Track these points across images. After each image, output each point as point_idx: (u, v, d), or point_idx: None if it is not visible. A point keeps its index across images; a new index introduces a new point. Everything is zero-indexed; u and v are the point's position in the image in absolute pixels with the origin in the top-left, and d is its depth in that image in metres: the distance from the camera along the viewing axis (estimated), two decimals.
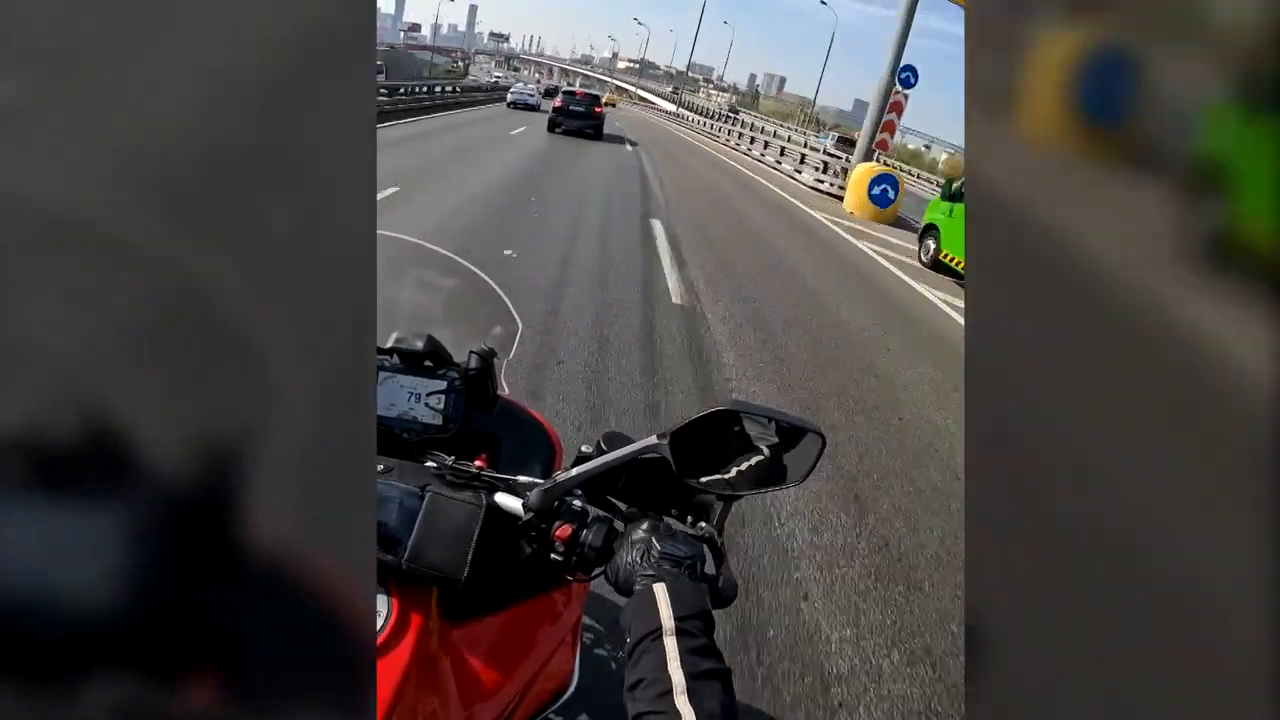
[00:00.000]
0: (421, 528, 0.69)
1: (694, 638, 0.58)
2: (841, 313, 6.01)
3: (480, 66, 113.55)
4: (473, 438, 0.91)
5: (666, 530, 0.68)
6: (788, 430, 0.73)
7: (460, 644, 0.76)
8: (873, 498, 3.02)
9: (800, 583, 2.35)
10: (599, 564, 0.71)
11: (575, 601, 0.92)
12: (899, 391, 4.39)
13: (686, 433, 0.70)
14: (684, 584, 0.62)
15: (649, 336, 4.38)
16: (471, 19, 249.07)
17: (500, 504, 0.74)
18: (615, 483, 0.76)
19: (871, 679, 2.00)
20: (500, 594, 0.81)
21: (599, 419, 3.14)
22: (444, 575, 0.69)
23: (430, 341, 0.89)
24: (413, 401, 0.88)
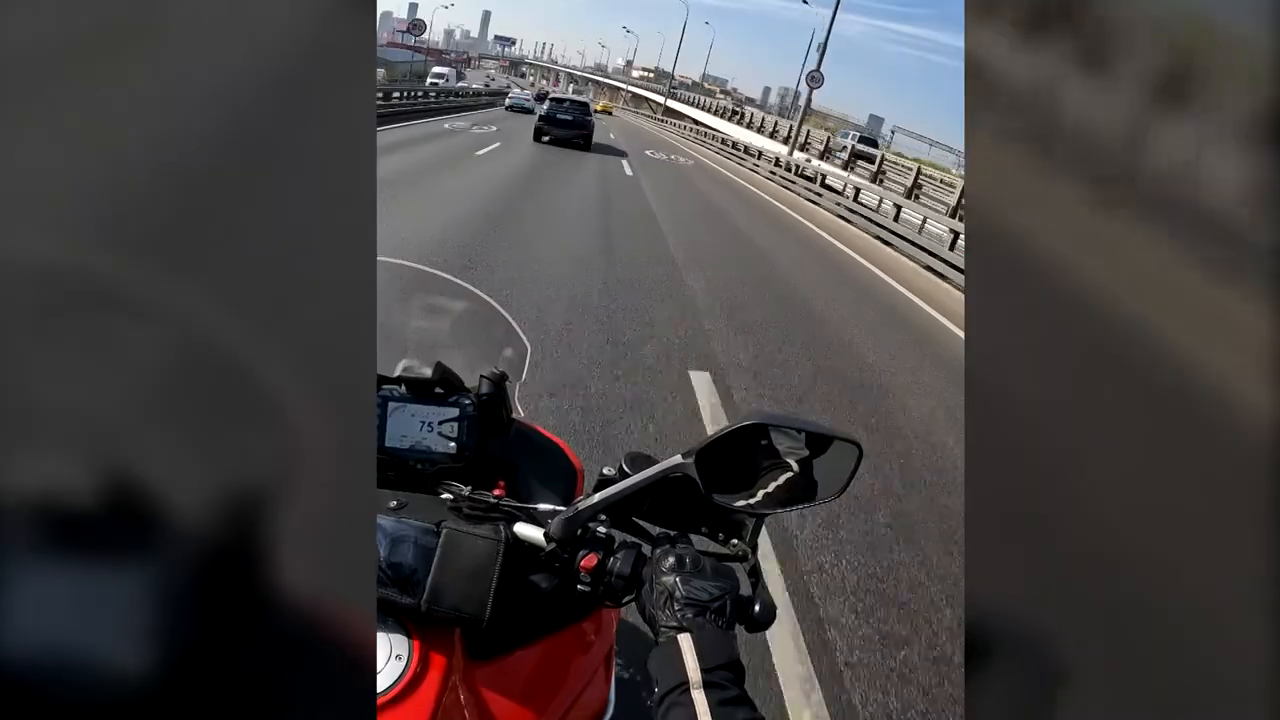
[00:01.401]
0: (439, 567, 0.66)
1: (724, 689, 0.56)
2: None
3: (486, 71, 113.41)
4: (489, 464, 0.88)
5: (694, 563, 0.65)
6: (818, 441, 0.69)
7: (487, 683, 0.73)
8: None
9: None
10: (628, 592, 0.68)
11: (606, 628, 0.89)
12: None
13: (712, 450, 0.67)
14: (710, 633, 0.60)
15: None
16: (485, 24, 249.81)
17: (521, 535, 0.71)
18: (640, 505, 0.73)
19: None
20: (527, 627, 0.78)
21: None
22: (466, 616, 0.66)
23: (439, 368, 0.86)
24: (425, 431, 0.86)
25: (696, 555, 0.66)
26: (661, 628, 0.61)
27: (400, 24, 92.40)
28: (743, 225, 10.85)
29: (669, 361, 4.23)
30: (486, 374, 0.89)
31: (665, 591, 0.63)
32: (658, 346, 4.45)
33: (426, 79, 33.16)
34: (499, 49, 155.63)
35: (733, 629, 0.63)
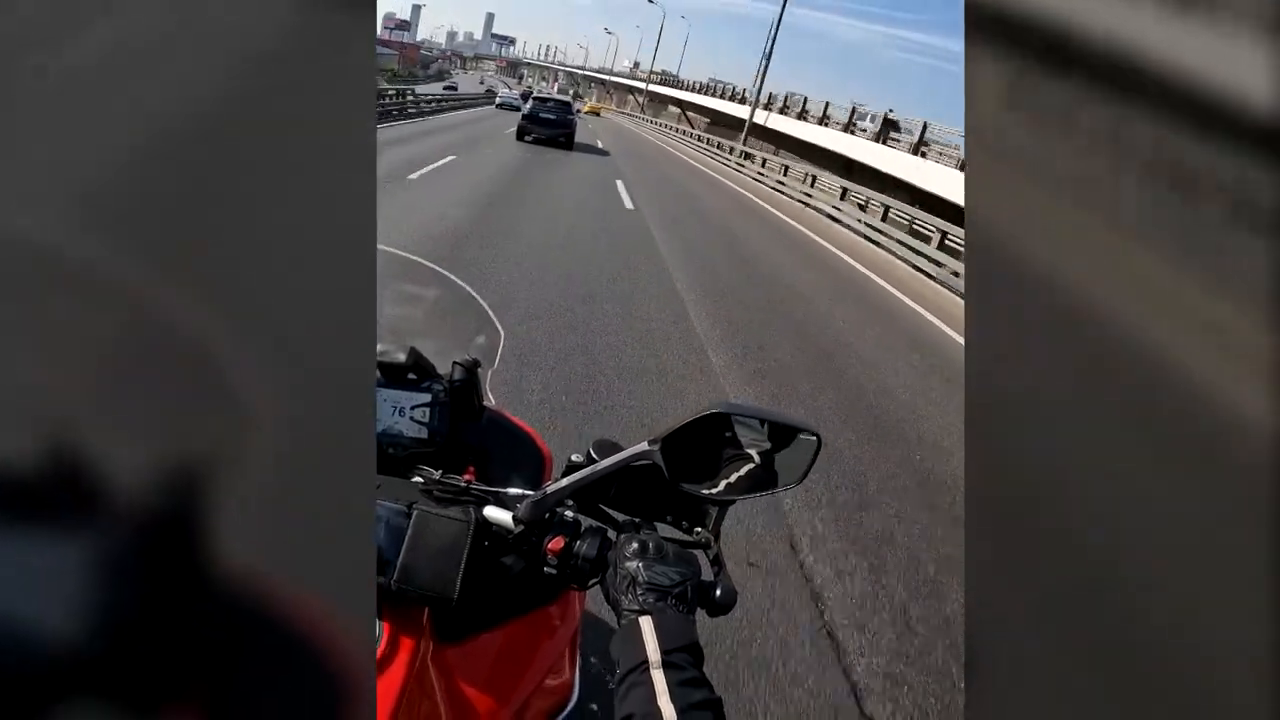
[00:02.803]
0: (410, 547, 0.67)
1: (682, 670, 0.58)
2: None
3: (486, 71, 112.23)
4: (460, 450, 0.89)
5: (657, 549, 0.66)
6: (780, 431, 0.71)
7: (455, 664, 0.74)
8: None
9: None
10: (593, 575, 0.70)
11: (572, 613, 0.90)
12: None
13: (678, 438, 0.69)
14: (670, 617, 0.62)
15: None
16: (488, 26, 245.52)
17: (490, 518, 0.72)
18: (607, 491, 0.75)
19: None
20: (494, 610, 0.79)
21: None
22: (435, 595, 0.67)
23: (412, 353, 0.87)
24: (397, 415, 0.86)
25: (660, 541, 0.68)
26: (624, 610, 0.63)
27: (389, 20, 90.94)
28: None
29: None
30: (459, 360, 0.90)
31: (629, 576, 0.64)
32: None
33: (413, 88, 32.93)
34: (498, 49, 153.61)
35: (693, 613, 0.64)
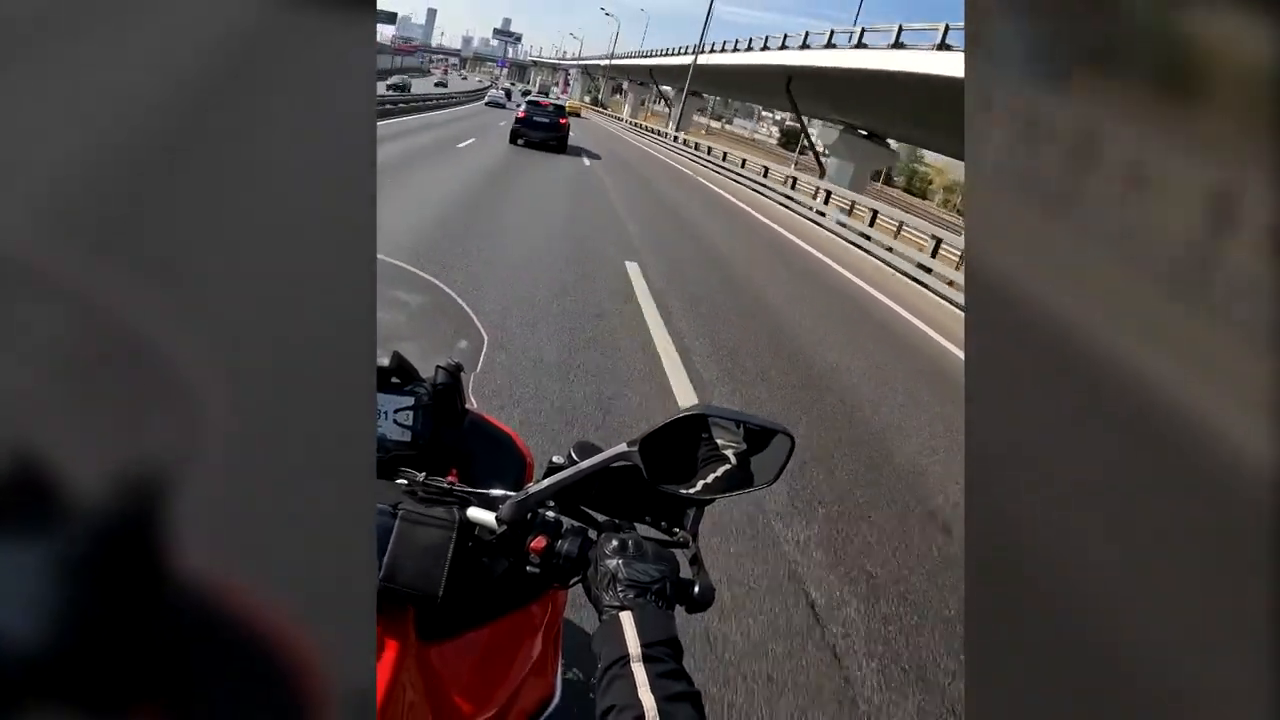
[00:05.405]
0: (395, 547, 0.68)
1: (662, 663, 0.59)
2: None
3: (487, 73, 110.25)
4: (443, 453, 0.90)
5: (636, 547, 0.68)
6: (756, 433, 0.73)
7: (438, 664, 0.75)
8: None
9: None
10: (574, 574, 0.71)
11: (555, 612, 0.92)
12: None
13: (656, 439, 0.70)
14: (650, 612, 0.63)
15: None
16: (505, 30, 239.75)
17: (473, 519, 0.73)
18: (588, 492, 0.76)
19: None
20: (478, 609, 0.80)
21: None
22: (420, 594, 0.68)
23: (396, 357, 0.88)
24: (380, 419, 0.87)
25: (640, 540, 0.69)
26: (605, 607, 0.65)
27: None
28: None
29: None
30: (442, 364, 0.91)
31: (609, 573, 0.66)
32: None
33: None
34: (503, 47, 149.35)
35: (672, 609, 0.66)
